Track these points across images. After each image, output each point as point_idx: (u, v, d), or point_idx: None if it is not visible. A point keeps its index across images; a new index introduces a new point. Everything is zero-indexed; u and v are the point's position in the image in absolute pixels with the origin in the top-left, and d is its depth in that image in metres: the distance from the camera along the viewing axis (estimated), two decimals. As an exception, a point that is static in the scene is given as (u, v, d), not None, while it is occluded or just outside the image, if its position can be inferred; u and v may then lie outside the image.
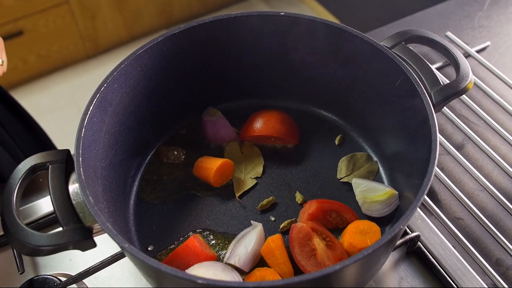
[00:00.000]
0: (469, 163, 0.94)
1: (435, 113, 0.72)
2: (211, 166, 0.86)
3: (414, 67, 0.79)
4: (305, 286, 0.59)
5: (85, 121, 0.71)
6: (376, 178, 0.88)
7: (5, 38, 1.15)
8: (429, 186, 0.64)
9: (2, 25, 2.39)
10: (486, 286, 0.78)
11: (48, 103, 2.64)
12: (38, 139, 1.37)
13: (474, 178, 0.92)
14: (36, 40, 2.58)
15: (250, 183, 0.88)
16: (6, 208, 0.65)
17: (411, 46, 0.83)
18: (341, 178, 0.88)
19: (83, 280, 0.80)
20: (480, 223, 0.86)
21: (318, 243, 0.75)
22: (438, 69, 1.11)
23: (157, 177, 0.89)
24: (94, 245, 0.67)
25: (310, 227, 0.77)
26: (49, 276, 0.80)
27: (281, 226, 0.82)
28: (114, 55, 2.86)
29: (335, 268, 0.56)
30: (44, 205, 0.90)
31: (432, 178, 0.64)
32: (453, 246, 0.82)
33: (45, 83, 2.74)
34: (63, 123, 2.46)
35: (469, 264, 0.80)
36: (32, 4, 2.44)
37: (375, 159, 0.90)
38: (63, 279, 0.79)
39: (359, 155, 0.90)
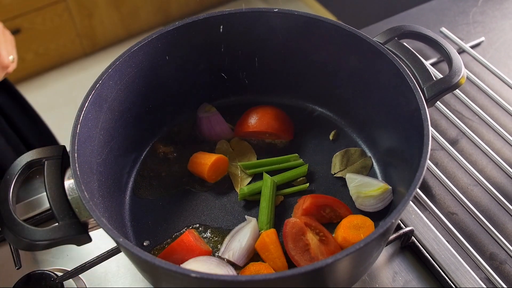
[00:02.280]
0: (463, 158, 0.94)
1: (427, 108, 0.72)
2: (206, 162, 0.86)
3: (406, 62, 0.80)
4: (297, 280, 0.60)
5: (80, 118, 0.72)
6: (370, 173, 0.88)
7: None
8: (421, 180, 0.64)
9: (-1, 23, 2.40)
10: (479, 280, 0.78)
11: (45, 100, 2.64)
12: (42, 134, 1.37)
13: (468, 173, 0.92)
14: (33, 38, 2.58)
15: (247, 179, 0.89)
16: (2, 204, 0.66)
17: (405, 42, 0.84)
18: (335, 173, 0.88)
19: (79, 275, 0.81)
20: (474, 217, 0.86)
21: (311, 238, 0.76)
22: (432, 64, 1.11)
23: (153, 173, 0.90)
24: (89, 239, 0.67)
25: (303, 222, 0.77)
26: (45, 271, 0.80)
27: (275, 221, 0.83)
28: (112, 53, 2.86)
29: (327, 262, 0.56)
30: (40, 201, 0.90)
31: (424, 172, 0.65)
32: (447, 241, 0.83)
33: (42, 81, 2.74)
34: (60, 121, 2.45)
35: (463, 259, 0.81)
36: (29, 2, 2.44)
37: (369, 154, 0.90)
38: (59, 274, 0.80)
39: (353, 150, 0.90)
